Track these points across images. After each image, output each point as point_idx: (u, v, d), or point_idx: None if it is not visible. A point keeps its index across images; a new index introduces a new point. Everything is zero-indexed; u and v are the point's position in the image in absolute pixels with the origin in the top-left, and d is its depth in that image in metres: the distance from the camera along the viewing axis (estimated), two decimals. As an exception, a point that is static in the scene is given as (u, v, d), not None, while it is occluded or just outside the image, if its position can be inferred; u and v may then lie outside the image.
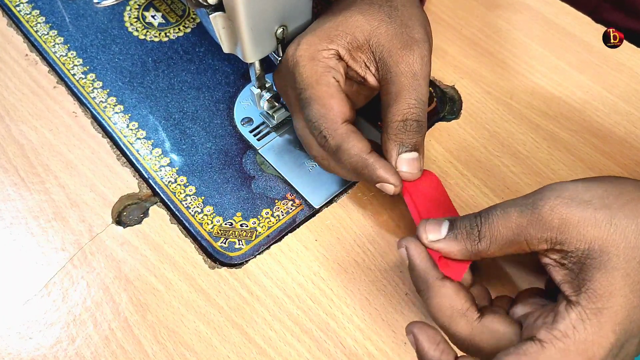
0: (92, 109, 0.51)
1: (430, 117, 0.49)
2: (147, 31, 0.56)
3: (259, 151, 0.48)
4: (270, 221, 0.45)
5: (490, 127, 0.48)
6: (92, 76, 0.53)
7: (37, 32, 0.56)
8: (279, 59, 0.43)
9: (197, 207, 0.45)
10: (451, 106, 0.50)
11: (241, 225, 0.44)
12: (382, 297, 0.41)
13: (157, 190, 0.46)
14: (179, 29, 0.56)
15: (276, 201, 0.45)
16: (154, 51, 0.54)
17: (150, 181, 0.47)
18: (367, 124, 0.48)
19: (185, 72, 0.53)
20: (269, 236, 0.44)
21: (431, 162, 0.47)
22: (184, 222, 0.45)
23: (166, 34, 0.56)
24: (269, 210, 0.45)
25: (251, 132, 0.49)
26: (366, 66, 0.41)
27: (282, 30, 0.41)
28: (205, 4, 0.38)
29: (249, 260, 0.43)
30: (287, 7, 0.40)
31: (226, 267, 0.42)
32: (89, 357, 0.39)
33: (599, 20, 0.54)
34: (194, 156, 0.48)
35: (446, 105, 0.50)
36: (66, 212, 0.45)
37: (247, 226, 0.44)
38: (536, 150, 0.47)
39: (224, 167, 0.47)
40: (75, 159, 0.48)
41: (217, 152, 0.48)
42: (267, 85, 0.46)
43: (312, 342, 0.39)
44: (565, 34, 0.53)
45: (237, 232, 0.44)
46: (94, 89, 0.52)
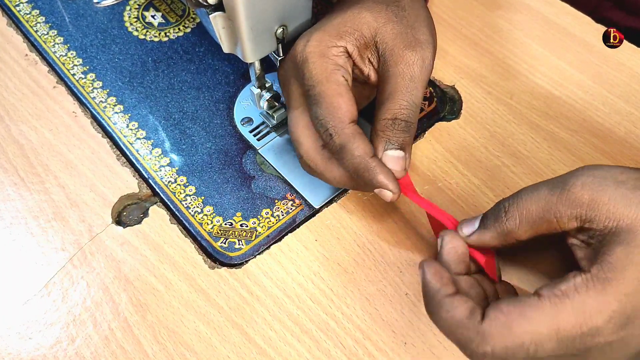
0: (92, 109, 0.51)
1: (430, 117, 0.49)
2: (147, 31, 0.56)
3: (259, 151, 0.48)
4: (270, 221, 0.44)
5: (490, 127, 0.48)
6: (92, 76, 0.53)
7: (36, 32, 0.56)
8: (279, 59, 0.43)
9: (197, 207, 0.45)
10: (451, 106, 0.50)
11: (241, 225, 0.44)
12: (382, 297, 0.41)
13: (157, 190, 0.46)
14: (179, 29, 0.56)
15: (276, 201, 0.45)
16: (154, 51, 0.54)
17: (150, 181, 0.47)
18: (367, 124, 0.48)
19: (185, 72, 0.53)
20: (269, 236, 0.44)
21: (431, 162, 0.47)
22: (184, 222, 0.45)
23: (166, 33, 0.55)
24: (269, 210, 0.45)
25: (251, 132, 0.49)
26: (370, 63, 0.41)
27: (282, 30, 0.41)
28: (205, 3, 0.38)
29: (249, 260, 0.43)
30: (287, 7, 0.40)
31: (226, 267, 0.42)
32: (88, 357, 0.39)
33: (600, 19, 0.54)
34: (194, 156, 0.48)
35: (446, 105, 0.50)
36: (66, 212, 0.45)
37: (247, 226, 0.44)
38: (536, 150, 0.47)
39: (224, 167, 0.47)
40: (75, 159, 0.48)
41: (217, 152, 0.48)
42: (267, 85, 0.46)
43: (312, 342, 0.39)
44: (565, 34, 0.53)
45: (237, 232, 0.44)
46: (94, 88, 0.52)
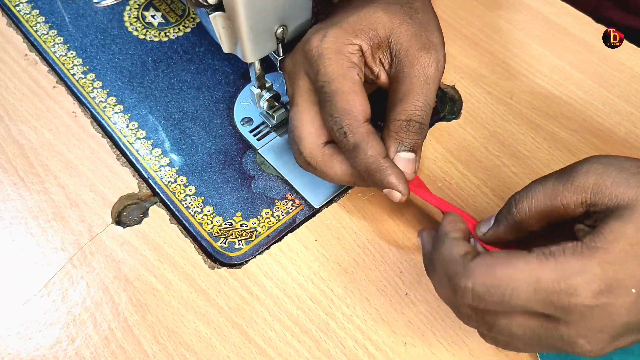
0: (92, 109, 0.51)
1: (430, 117, 0.49)
2: (147, 31, 0.56)
3: (259, 151, 0.48)
4: (270, 221, 0.44)
5: (490, 127, 0.48)
6: (91, 76, 0.53)
7: (36, 31, 0.56)
8: (280, 58, 0.43)
9: (197, 207, 0.45)
10: (451, 106, 0.50)
11: (241, 225, 0.44)
12: (382, 297, 0.41)
13: (157, 190, 0.46)
14: (179, 29, 0.56)
15: (276, 201, 0.45)
16: (154, 51, 0.54)
17: (150, 181, 0.47)
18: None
19: (185, 72, 0.53)
20: (268, 236, 0.44)
21: (431, 162, 0.46)
22: (184, 222, 0.45)
23: (166, 33, 0.55)
24: (268, 210, 0.45)
25: (251, 132, 0.49)
26: (381, 63, 0.41)
27: (282, 30, 0.41)
28: (205, 3, 0.38)
29: (249, 260, 0.43)
30: (287, 6, 0.40)
31: (226, 267, 0.42)
32: (88, 358, 0.39)
33: (600, 18, 0.54)
34: (194, 156, 0.48)
35: (446, 105, 0.50)
36: (66, 212, 0.45)
37: (247, 226, 0.44)
38: (536, 150, 0.47)
39: (224, 167, 0.47)
40: (74, 159, 0.48)
41: (217, 152, 0.48)
42: (267, 85, 0.46)
43: (312, 342, 0.39)
44: (565, 33, 0.53)
45: (237, 232, 0.44)
46: (94, 88, 0.52)
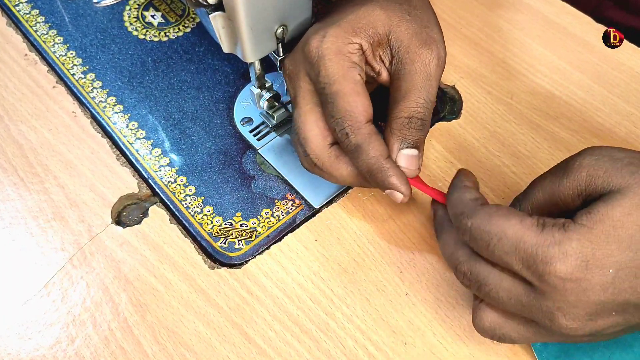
0: (92, 109, 0.51)
1: (432, 114, 0.49)
2: (147, 31, 0.56)
3: (259, 151, 0.48)
4: (270, 221, 0.44)
5: (490, 127, 0.48)
6: (91, 76, 0.53)
7: (36, 31, 0.56)
8: (280, 58, 0.43)
9: (197, 207, 0.45)
10: (451, 106, 0.50)
11: (241, 225, 0.44)
12: (382, 297, 0.41)
13: (157, 190, 0.46)
14: (179, 29, 0.56)
15: (276, 201, 0.45)
16: (154, 51, 0.54)
17: (149, 181, 0.47)
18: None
19: (185, 72, 0.53)
20: (268, 236, 0.44)
21: (431, 162, 0.46)
22: (184, 222, 0.45)
23: (166, 33, 0.55)
24: (268, 210, 0.45)
25: (251, 132, 0.49)
26: (382, 61, 0.41)
27: (282, 29, 0.41)
28: (205, 3, 0.38)
29: (249, 260, 0.43)
30: (287, 6, 0.40)
31: (226, 268, 0.42)
32: (88, 358, 0.39)
33: (600, 18, 0.54)
34: (194, 156, 0.48)
35: (446, 105, 0.50)
36: (65, 212, 0.45)
37: (247, 226, 0.44)
38: (537, 150, 0.47)
39: (224, 167, 0.47)
40: (74, 158, 0.48)
41: (216, 152, 0.48)
42: (267, 85, 0.46)
43: (312, 342, 0.39)
44: (566, 33, 0.53)
45: (236, 232, 0.44)
46: (94, 88, 0.52)
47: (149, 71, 0.53)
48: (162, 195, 0.46)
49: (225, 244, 0.44)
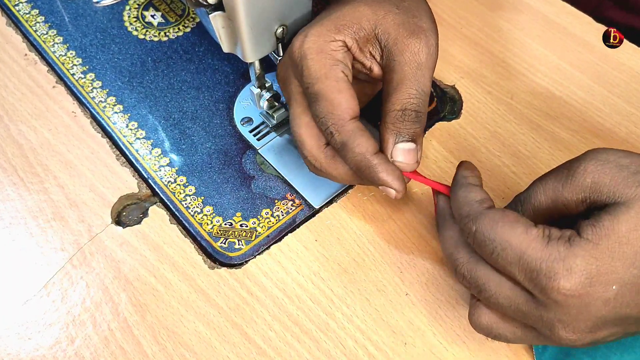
0: (92, 109, 0.51)
1: (430, 117, 0.49)
2: (147, 31, 0.56)
3: (259, 151, 0.48)
4: (270, 221, 0.44)
5: (490, 127, 0.48)
6: (91, 76, 0.53)
7: (36, 31, 0.56)
8: (279, 58, 0.43)
9: (197, 207, 0.45)
10: (452, 106, 0.50)
11: (241, 225, 0.44)
12: (382, 297, 0.41)
13: (157, 190, 0.46)
14: (179, 29, 0.56)
15: (276, 201, 0.45)
16: (154, 51, 0.54)
17: (149, 181, 0.47)
18: (368, 124, 0.48)
19: (184, 72, 0.53)
20: (268, 236, 0.44)
21: (432, 162, 0.46)
22: (184, 222, 0.45)
23: (166, 33, 0.55)
24: (268, 210, 0.45)
25: (251, 132, 0.49)
26: (372, 56, 0.40)
27: (282, 29, 0.41)
28: (205, 3, 0.38)
29: (249, 260, 0.43)
30: (287, 6, 0.40)
31: (226, 268, 0.42)
32: (88, 358, 0.39)
33: (601, 18, 0.54)
34: (194, 156, 0.48)
35: (446, 105, 0.50)
36: (65, 212, 0.45)
37: (246, 226, 0.44)
38: (537, 150, 0.47)
39: (224, 167, 0.47)
40: (74, 158, 0.48)
41: (216, 152, 0.48)
42: (267, 85, 0.46)
43: (312, 342, 0.39)
44: (566, 33, 0.53)
45: (236, 232, 0.44)
46: (93, 88, 0.52)
47: (148, 71, 0.53)
48: (162, 195, 0.46)
49: (225, 244, 0.44)
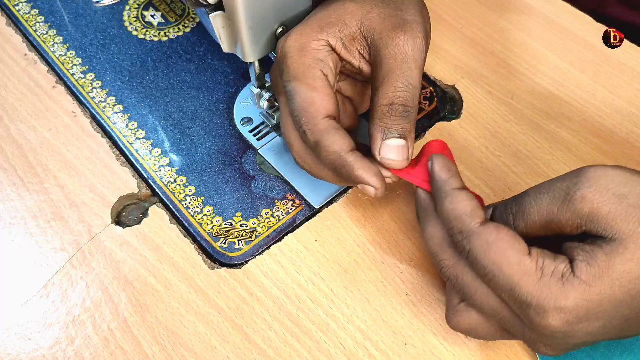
0: (91, 109, 0.51)
1: (430, 117, 0.49)
2: (147, 30, 0.56)
3: (259, 151, 0.48)
4: (270, 221, 0.44)
5: (491, 127, 0.48)
6: (91, 76, 0.53)
7: (36, 31, 0.56)
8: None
9: (197, 207, 0.45)
10: (452, 106, 0.50)
11: (241, 225, 0.44)
12: (382, 297, 0.40)
13: (157, 190, 0.46)
14: (179, 29, 0.56)
15: (276, 201, 0.45)
16: (154, 51, 0.54)
17: (149, 181, 0.47)
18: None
19: (184, 72, 0.53)
20: (268, 236, 0.44)
21: (432, 162, 0.46)
22: (184, 222, 0.45)
23: (165, 33, 0.55)
24: (268, 210, 0.45)
25: (251, 131, 0.49)
26: (360, 55, 0.39)
27: (282, 29, 0.41)
28: (204, 3, 0.38)
29: (249, 260, 0.43)
30: (286, 6, 0.40)
31: (226, 268, 0.42)
32: (88, 358, 0.39)
33: (602, 15, 0.54)
34: (194, 156, 0.48)
35: (447, 104, 0.50)
36: (65, 212, 0.45)
37: (246, 226, 0.44)
38: (537, 150, 0.47)
39: (224, 167, 0.47)
40: (74, 158, 0.48)
41: (216, 152, 0.48)
42: (266, 84, 0.46)
43: (312, 342, 0.39)
44: (566, 33, 0.53)
45: (236, 232, 0.44)
46: (93, 88, 0.52)
47: (148, 71, 0.53)
48: (161, 195, 0.46)
49: (225, 244, 0.44)
